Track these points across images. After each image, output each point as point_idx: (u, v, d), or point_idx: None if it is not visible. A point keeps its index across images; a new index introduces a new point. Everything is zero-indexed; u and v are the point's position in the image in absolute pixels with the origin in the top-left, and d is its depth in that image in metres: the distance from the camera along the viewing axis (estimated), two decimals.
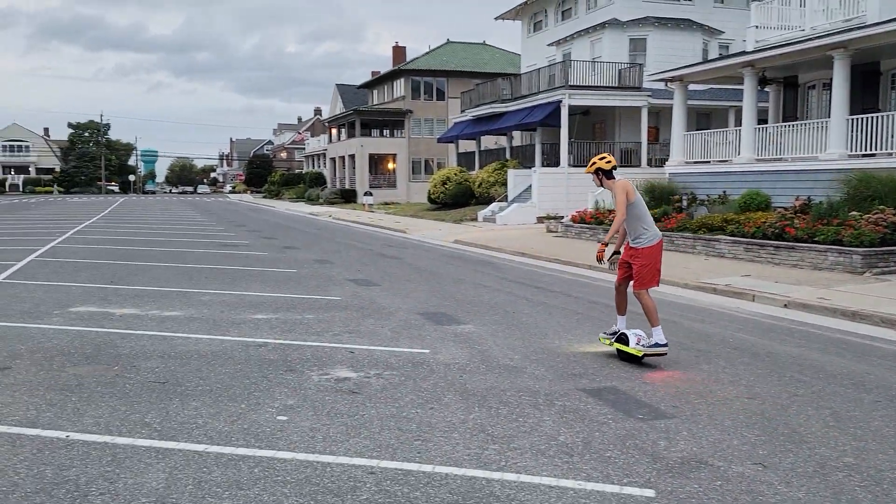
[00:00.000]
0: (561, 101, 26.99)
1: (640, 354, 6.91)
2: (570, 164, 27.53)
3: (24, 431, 4.86)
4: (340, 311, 9.45)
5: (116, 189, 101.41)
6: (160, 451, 4.57)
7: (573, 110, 27.86)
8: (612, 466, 4.42)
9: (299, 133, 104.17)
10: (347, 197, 51.36)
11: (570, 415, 5.39)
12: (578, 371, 6.64)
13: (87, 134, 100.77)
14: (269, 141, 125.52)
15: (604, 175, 7.29)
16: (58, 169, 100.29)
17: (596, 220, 20.03)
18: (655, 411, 5.51)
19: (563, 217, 23.67)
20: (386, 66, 62.32)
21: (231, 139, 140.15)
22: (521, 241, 19.54)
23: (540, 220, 26.01)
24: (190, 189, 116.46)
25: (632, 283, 7.18)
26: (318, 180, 63.95)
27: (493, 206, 28.56)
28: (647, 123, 28.16)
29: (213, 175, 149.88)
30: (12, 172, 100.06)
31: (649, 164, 28.10)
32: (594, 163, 7.33)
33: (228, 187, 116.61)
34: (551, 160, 29.40)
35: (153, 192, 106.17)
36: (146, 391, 5.83)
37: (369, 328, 8.42)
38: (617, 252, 7.31)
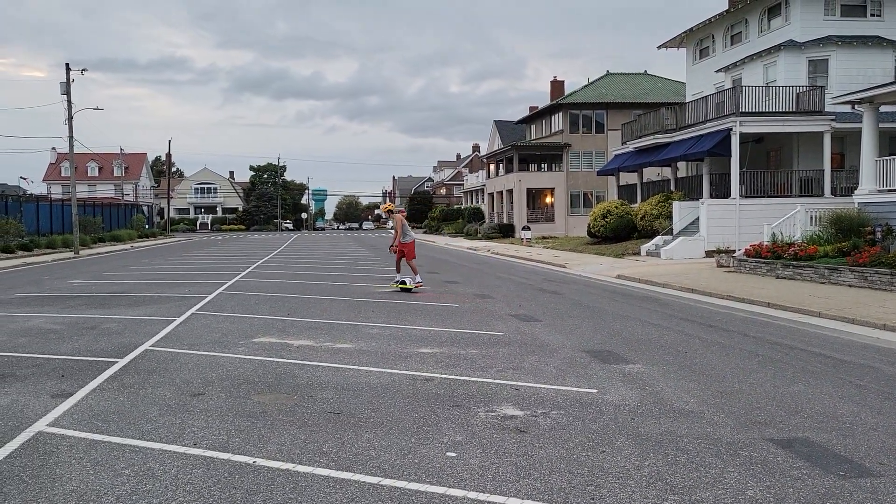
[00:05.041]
0: (731, 129, 25.63)
1: (411, 287, 15.79)
2: (741, 195, 26.00)
3: (217, 455, 5.21)
4: (503, 347, 9.41)
5: (290, 226, 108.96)
6: (338, 481, 4.71)
7: (745, 138, 26.37)
8: None
9: (458, 169, 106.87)
10: (505, 231, 51.74)
11: (758, 467, 4.95)
12: (764, 419, 6.12)
13: (265, 176, 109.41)
14: (429, 178, 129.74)
15: (390, 213, 18.47)
16: (241, 209, 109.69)
17: (774, 253, 18.66)
18: (859, 468, 4.93)
19: (734, 251, 22.33)
20: (544, 101, 62.58)
21: (393, 177, 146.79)
22: (690, 277, 18.61)
23: (709, 254, 24.73)
24: (355, 225, 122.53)
25: (405, 258, 16.39)
26: (477, 215, 65.06)
27: (657, 239, 27.52)
28: (831, 150, 26.00)
29: (376, 212, 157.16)
30: (202, 212, 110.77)
31: (833, 192, 25.87)
32: (386, 207, 20.33)
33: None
34: (720, 191, 27.95)
35: (322, 229, 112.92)
36: (322, 420, 6.07)
37: (533, 365, 8.30)
38: (394, 246, 16.62)
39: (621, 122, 39.83)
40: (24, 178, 73.80)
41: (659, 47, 36.97)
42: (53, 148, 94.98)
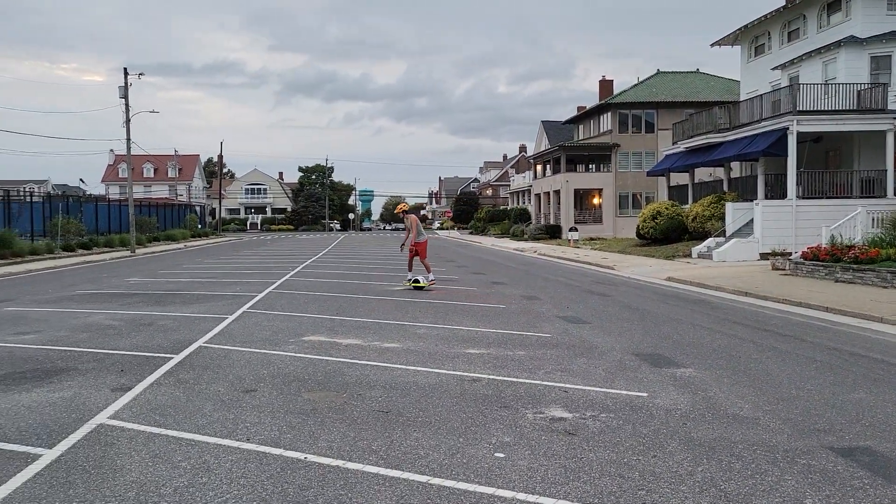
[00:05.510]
0: (787, 129, 24.95)
1: (424, 286, 16.42)
2: (798, 196, 25.28)
3: (269, 450, 5.30)
4: (551, 349, 9.34)
5: (338, 227, 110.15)
6: (387, 478, 4.74)
7: (802, 137, 25.63)
8: None
9: (505, 170, 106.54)
10: (552, 233, 51.38)
11: (817, 475, 4.81)
12: (823, 426, 5.94)
13: (313, 176, 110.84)
14: (475, 178, 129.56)
15: (405, 213, 17.32)
16: (289, 209, 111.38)
17: (833, 256, 18.10)
18: None
19: (790, 253, 21.73)
20: (593, 102, 61.98)
21: (440, 178, 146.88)
22: (743, 279, 18.17)
23: (763, 256, 24.13)
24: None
25: (418, 256, 16.97)
26: (523, 216, 64.75)
27: (709, 241, 26.96)
28: (894, 149, 25.07)
29: (422, 212, 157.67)
30: (252, 212, 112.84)
31: None
32: (401, 207, 17.60)
33: (437, 224, 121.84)
34: (776, 192, 27.24)
35: (369, 229, 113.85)
36: (371, 419, 6.12)
37: (582, 367, 8.22)
38: (406, 245, 17.27)
39: (672, 122, 39.13)
40: (83, 181, 76.32)
41: (712, 45, 36.23)
42: (111, 150, 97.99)
